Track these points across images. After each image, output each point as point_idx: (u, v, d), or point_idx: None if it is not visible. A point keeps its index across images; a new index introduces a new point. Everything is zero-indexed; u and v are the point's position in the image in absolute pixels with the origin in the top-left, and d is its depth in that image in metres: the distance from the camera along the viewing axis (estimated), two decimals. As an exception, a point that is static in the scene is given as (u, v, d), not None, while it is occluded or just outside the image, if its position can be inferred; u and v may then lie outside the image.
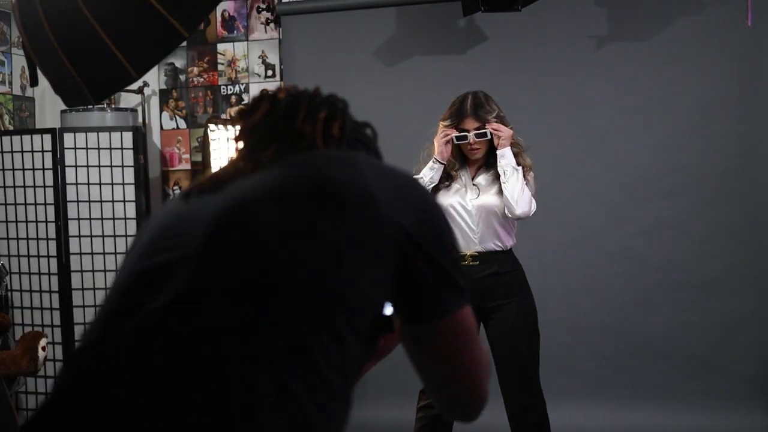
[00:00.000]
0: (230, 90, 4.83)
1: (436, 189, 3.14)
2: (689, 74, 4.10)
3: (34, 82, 2.40)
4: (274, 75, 4.77)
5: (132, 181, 4.34)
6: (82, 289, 4.34)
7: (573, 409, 4.03)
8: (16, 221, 4.38)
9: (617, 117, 4.16)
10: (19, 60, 4.76)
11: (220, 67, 4.84)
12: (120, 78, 2.12)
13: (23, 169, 4.37)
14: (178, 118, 4.92)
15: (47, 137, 4.34)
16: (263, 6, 4.77)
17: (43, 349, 3.65)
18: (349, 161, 1.06)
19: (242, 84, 4.81)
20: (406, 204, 1.04)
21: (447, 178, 3.15)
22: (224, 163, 1.16)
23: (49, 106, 4.96)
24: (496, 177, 3.07)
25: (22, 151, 4.37)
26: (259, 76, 4.79)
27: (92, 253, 4.33)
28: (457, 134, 3.08)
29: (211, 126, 4.17)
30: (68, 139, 4.32)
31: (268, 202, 1.00)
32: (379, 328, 1.06)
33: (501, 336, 3.05)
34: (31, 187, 4.36)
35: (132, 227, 4.34)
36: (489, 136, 3.06)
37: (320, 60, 4.53)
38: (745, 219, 4.06)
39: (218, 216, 0.99)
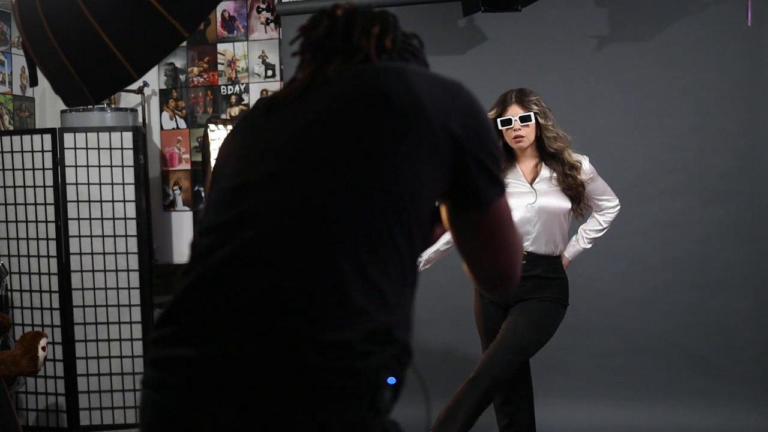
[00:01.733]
0: (230, 90, 4.83)
1: None
2: (689, 74, 4.10)
3: (34, 82, 2.41)
4: (274, 75, 4.77)
5: (132, 181, 4.34)
6: (82, 289, 4.34)
7: (573, 409, 4.03)
8: (16, 221, 4.38)
9: (617, 117, 4.16)
10: (19, 60, 4.76)
11: (220, 67, 4.84)
12: (120, 78, 2.12)
13: (23, 169, 4.37)
14: (178, 118, 4.92)
15: (47, 137, 4.34)
16: (263, 6, 4.77)
17: (43, 349, 3.65)
18: (401, 72, 1.18)
19: (242, 84, 4.81)
20: (453, 108, 1.17)
21: None
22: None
23: (49, 106, 4.96)
24: (555, 178, 3.08)
25: (22, 151, 4.37)
26: (259, 76, 4.79)
27: (92, 253, 4.33)
28: (502, 119, 3.08)
29: (211, 126, 4.17)
30: (68, 139, 4.31)
31: (336, 121, 1.14)
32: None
33: (513, 317, 3.04)
34: (31, 187, 4.36)
35: (132, 227, 4.34)
36: (533, 120, 3.05)
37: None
38: (745, 219, 4.06)
39: (295, 134, 1.16)
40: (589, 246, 3.28)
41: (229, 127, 4.26)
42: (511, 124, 3.07)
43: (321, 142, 1.14)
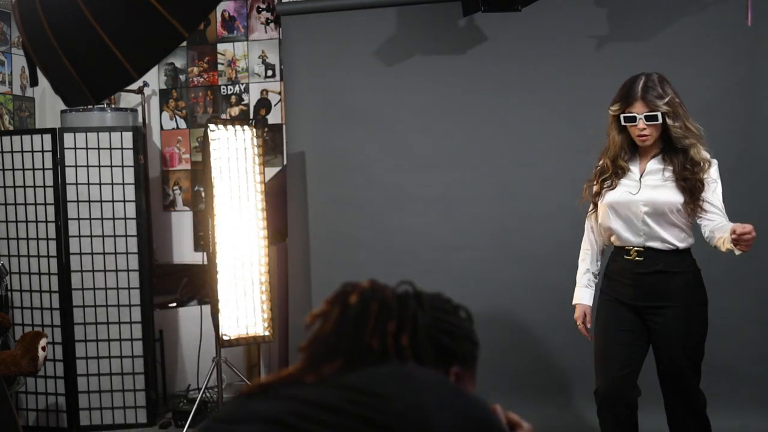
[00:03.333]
0: (230, 90, 4.83)
1: (601, 185, 2.97)
2: (689, 74, 4.09)
3: (34, 82, 2.40)
4: (274, 75, 4.77)
5: (132, 181, 4.34)
6: (82, 289, 4.34)
7: (573, 409, 4.02)
8: (16, 221, 4.38)
9: (617, 117, 4.15)
10: (19, 60, 4.76)
11: (220, 67, 4.84)
12: (120, 78, 2.12)
13: (23, 169, 4.37)
14: (178, 118, 4.92)
15: (47, 137, 4.34)
16: (263, 6, 4.77)
17: (43, 349, 3.65)
18: (415, 384, 1.01)
19: (242, 84, 4.81)
20: None
21: (616, 173, 2.95)
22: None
23: (49, 106, 4.96)
24: (670, 171, 2.88)
25: (22, 151, 4.37)
26: (259, 76, 4.79)
27: (92, 253, 4.33)
28: (626, 115, 2.87)
29: (211, 126, 4.17)
30: (68, 139, 4.31)
31: (314, 424, 0.99)
32: None
33: (661, 344, 2.97)
34: (31, 187, 4.36)
35: (132, 227, 4.34)
36: (660, 120, 2.82)
37: (320, 60, 4.53)
38: (745, 219, 4.05)
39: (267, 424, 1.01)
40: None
41: (229, 128, 4.26)
42: (635, 122, 2.85)
43: None
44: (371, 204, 4.46)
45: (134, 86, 4.69)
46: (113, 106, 4.72)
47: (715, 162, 2.94)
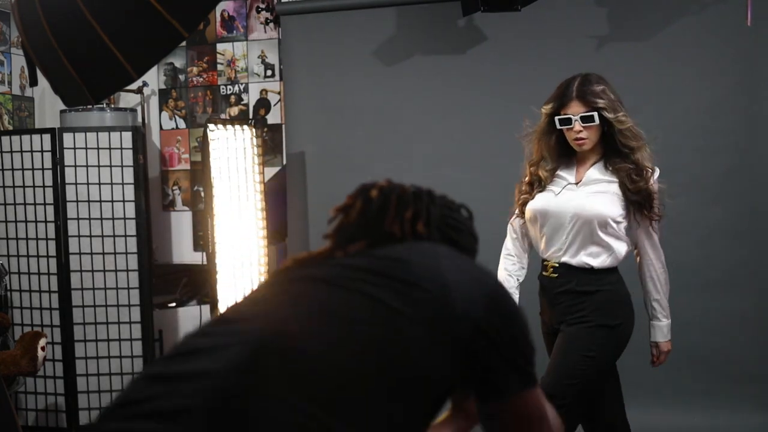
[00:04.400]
0: (230, 90, 4.83)
1: (528, 193, 2.73)
2: (689, 74, 4.09)
3: (33, 82, 2.40)
4: (273, 75, 4.77)
5: (131, 180, 4.34)
6: (82, 289, 4.33)
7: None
8: (16, 221, 4.38)
9: (617, 117, 4.15)
10: (18, 60, 4.76)
11: (219, 67, 4.84)
12: (119, 78, 2.12)
13: (23, 169, 4.37)
14: (177, 117, 4.92)
15: (47, 137, 4.34)
16: (262, 6, 4.77)
17: (43, 349, 3.65)
18: (432, 254, 1.18)
19: (242, 84, 4.81)
20: (482, 298, 1.13)
21: (539, 184, 2.71)
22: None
23: (48, 106, 4.95)
24: (615, 183, 2.63)
25: (21, 151, 4.36)
26: (259, 75, 4.79)
27: (92, 253, 4.32)
28: (560, 117, 2.61)
29: (211, 126, 4.17)
30: (68, 139, 4.31)
31: (352, 281, 1.12)
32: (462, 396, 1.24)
33: (560, 341, 2.71)
34: (31, 187, 4.35)
35: (131, 227, 4.34)
36: (597, 121, 2.57)
37: (320, 60, 4.53)
38: (745, 219, 4.06)
39: (303, 292, 1.14)
40: (663, 319, 2.90)
41: (229, 127, 4.26)
42: (570, 124, 2.59)
43: (329, 302, 1.11)
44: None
45: (134, 86, 4.68)
46: (113, 106, 4.72)
47: (657, 170, 2.71)
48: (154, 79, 4.90)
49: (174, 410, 0.96)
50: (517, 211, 2.83)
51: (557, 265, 2.67)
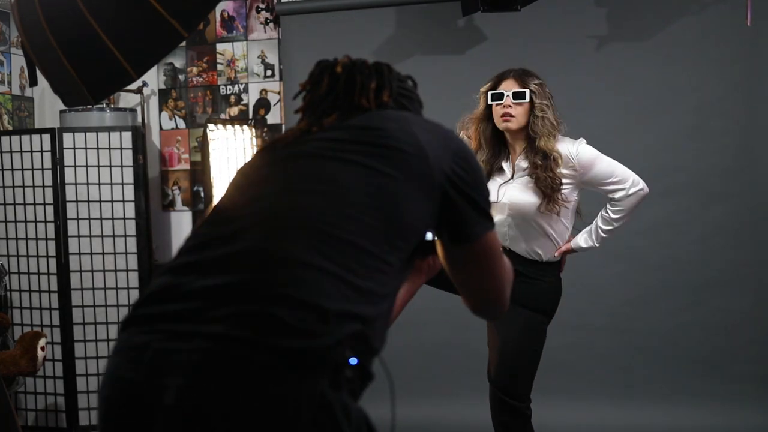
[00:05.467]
0: (229, 90, 4.83)
1: None
2: (689, 74, 4.09)
3: (33, 82, 2.40)
4: (273, 75, 4.77)
5: (131, 180, 4.34)
6: (82, 289, 4.33)
7: (572, 409, 4.02)
8: (16, 221, 4.38)
9: (617, 117, 4.15)
10: (18, 60, 4.75)
11: (219, 67, 4.84)
12: (119, 78, 2.12)
13: (22, 169, 4.37)
14: (177, 117, 4.91)
15: (46, 137, 4.34)
16: (262, 6, 4.77)
17: (42, 349, 3.65)
18: (401, 119, 1.32)
19: (241, 84, 4.81)
20: (447, 151, 1.29)
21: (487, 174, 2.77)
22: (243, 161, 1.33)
23: (48, 106, 4.95)
24: (533, 173, 2.70)
25: (21, 151, 4.36)
26: (259, 75, 4.79)
27: (92, 253, 4.32)
28: (494, 92, 2.71)
29: (211, 126, 4.17)
30: (67, 139, 4.31)
31: (338, 152, 1.24)
32: (424, 250, 1.33)
33: (501, 339, 2.80)
34: (31, 187, 4.35)
35: (131, 227, 4.34)
36: (528, 99, 2.68)
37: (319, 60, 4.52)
38: (745, 219, 4.06)
39: (292, 165, 1.27)
40: (595, 244, 2.86)
41: (229, 127, 4.26)
42: (502, 99, 2.68)
43: (321, 169, 1.24)
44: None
45: (133, 86, 4.68)
46: (112, 106, 4.72)
47: (579, 141, 2.78)
48: (154, 79, 4.90)
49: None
50: None
51: (505, 250, 2.72)
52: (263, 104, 4.79)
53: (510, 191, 2.75)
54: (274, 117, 4.77)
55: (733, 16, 3.90)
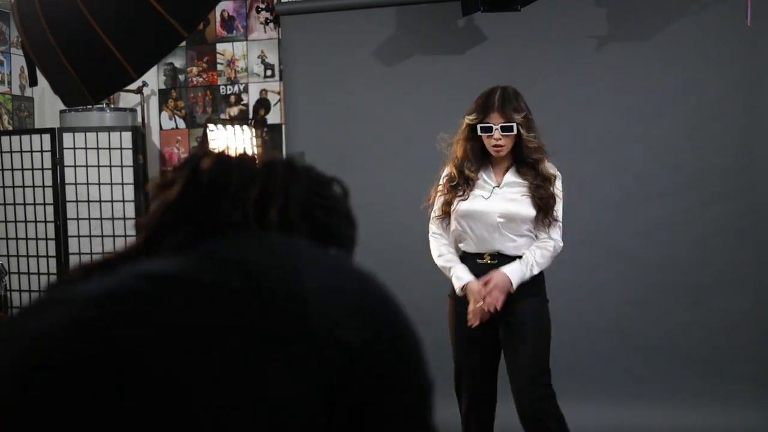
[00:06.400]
0: (229, 90, 4.83)
1: (452, 194, 3.02)
2: (689, 74, 4.09)
3: (33, 82, 2.41)
4: (273, 75, 4.77)
5: (131, 181, 4.34)
6: (82, 289, 4.33)
7: (572, 409, 4.02)
8: (16, 221, 4.38)
9: (617, 117, 4.15)
10: (18, 60, 4.75)
11: (219, 67, 4.84)
12: (119, 78, 2.12)
13: (22, 169, 4.37)
14: (177, 117, 4.91)
15: (46, 137, 4.34)
16: (262, 6, 4.77)
17: (43, 349, 3.65)
18: (282, 251, 0.83)
19: (241, 84, 4.81)
20: (354, 311, 0.79)
21: (465, 183, 3.00)
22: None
23: (48, 106, 4.95)
24: (525, 186, 2.97)
25: (21, 151, 4.36)
26: (259, 75, 4.79)
27: (91, 253, 4.32)
28: (482, 125, 2.93)
29: (210, 126, 4.17)
30: (67, 139, 4.31)
31: (168, 297, 0.76)
32: None
33: (512, 337, 2.98)
34: (31, 187, 4.36)
35: (131, 227, 4.33)
36: (515, 131, 2.90)
37: (319, 60, 4.52)
38: (745, 219, 4.06)
39: (84, 323, 0.74)
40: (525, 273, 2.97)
41: (229, 127, 4.26)
42: (491, 132, 2.92)
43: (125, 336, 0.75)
44: (371, 204, 4.45)
45: (133, 86, 4.67)
46: (112, 106, 4.72)
47: (559, 176, 3.05)
48: (154, 79, 4.89)
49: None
50: (438, 212, 3.10)
51: (495, 253, 2.97)
52: (263, 104, 4.79)
53: (502, 201, 2.98)
54: (274, 117, 4.77)
55: (733, 16, 3.90)
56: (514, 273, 2.94)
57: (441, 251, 3.11)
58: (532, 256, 2.98)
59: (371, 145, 4.44)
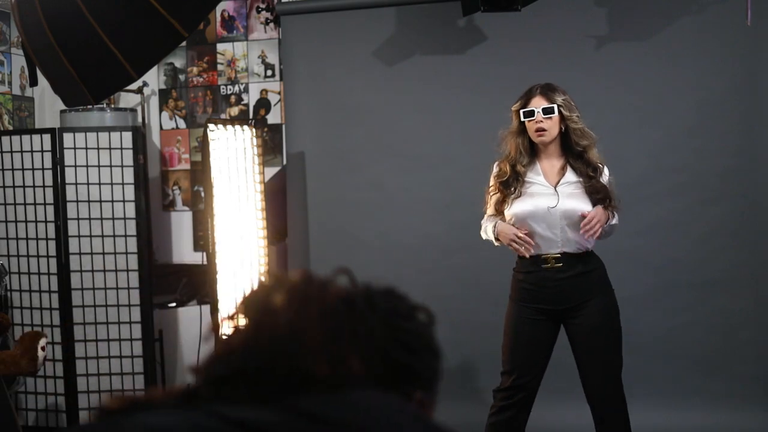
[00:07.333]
0: (230, 90, 4.83)
1: (504, 192, 3.04)
2: (689, 74, 4.10)
3: (33, 82, 2.41)
4: (273, 75, 4.77)
5: (131, 181, 4.34)
6: (82, 289, 4.33)
7: (573, 409, 4.02)
8: (16, 221, 4.38)
9: (617, 117, 4.15)
10: (18, 60, 4.76)
11: (219, 67, 4.84)
12: (119, 78, 2.12)
13: (23, 169, 4.36)
14: (177, 117, 4.91)
15: (47, 137, 4.34)
16: (263, 6, 4.77)
17: (43, 349, 3.64)
18: (390, 425, 0.76)
19: (242, 84, 4.81)
20: None
21: (515, 179, 3.04)
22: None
23: (48, 106, 4.95)
24: (581, 182, 3.01)
25: (21, 151, 4.36)
26: (259, 75, 4.79)
27: (92, 253, 4.32)
28: (525, 110, 3.00)
29: (211, 126, 4.17)
30: (68, 139, 4.31)
31: None
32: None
33: (582, 337, 3.06)
34: (31, 187, 4.35)
35: (131, 227, 4.34)
36: (556, 113, 2.97)
37: (320, 60, 4.53)
38: (745, 219, 4.06)
39: None
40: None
41: (229, 127, 4.26)
42: (533, 115, 2.98)
43: None
44: (371, 204, 4.46)
45: (134, 86, 4.68)
46: (113, 106, 4.72)
47: (605, 162, 3.08)
48: (154, 79, 4.89)
49: None
50: (492, 211, 3.12)
51: (559, 255, 3.00)
52: (263, 104, 4.79)
53: (563, 200, 3.00)
54: (274, 117, 4.77)
55: (733, 16, 3.90)
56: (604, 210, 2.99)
57: (484, 227, 3.15)
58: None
59: (371, 144, 4.44)
